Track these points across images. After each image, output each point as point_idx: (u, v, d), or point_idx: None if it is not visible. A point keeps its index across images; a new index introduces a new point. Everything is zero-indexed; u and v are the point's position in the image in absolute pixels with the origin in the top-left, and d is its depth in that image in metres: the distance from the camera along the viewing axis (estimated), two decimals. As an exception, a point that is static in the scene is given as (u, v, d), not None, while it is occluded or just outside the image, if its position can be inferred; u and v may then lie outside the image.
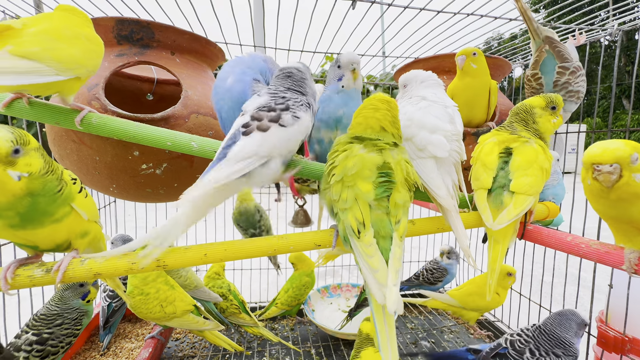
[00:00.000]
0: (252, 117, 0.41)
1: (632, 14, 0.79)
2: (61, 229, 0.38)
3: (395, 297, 0.31)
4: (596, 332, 0.79)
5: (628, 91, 8.68)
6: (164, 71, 0.80)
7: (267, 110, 0.42)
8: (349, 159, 0.39)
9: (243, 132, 0.39)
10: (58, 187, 0.36)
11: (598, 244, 0.45)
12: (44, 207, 0.34)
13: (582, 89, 0.65)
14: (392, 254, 0.34)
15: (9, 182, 0.31)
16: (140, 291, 0.71)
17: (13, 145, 0.31)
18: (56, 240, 0.38)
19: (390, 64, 1.20)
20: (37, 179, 0.33)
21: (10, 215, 0.33)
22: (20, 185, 0.32)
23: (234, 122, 0.43)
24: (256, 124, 0.40)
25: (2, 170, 0.31)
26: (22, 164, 0.32)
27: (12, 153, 0.31)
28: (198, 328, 0.76)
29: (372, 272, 0.33)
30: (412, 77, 0.56)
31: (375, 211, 0.36)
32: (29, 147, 0.33)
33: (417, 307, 1.16)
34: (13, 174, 0.31)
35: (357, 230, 0.35)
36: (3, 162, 0.31)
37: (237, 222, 0.96)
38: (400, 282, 0.90)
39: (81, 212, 0.39)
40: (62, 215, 0.37)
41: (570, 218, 0.82)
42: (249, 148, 0.38)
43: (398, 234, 0.36)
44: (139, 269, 0.39)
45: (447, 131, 0.48)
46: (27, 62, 0.34)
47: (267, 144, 0.39)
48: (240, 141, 0.39)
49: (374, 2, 0.67)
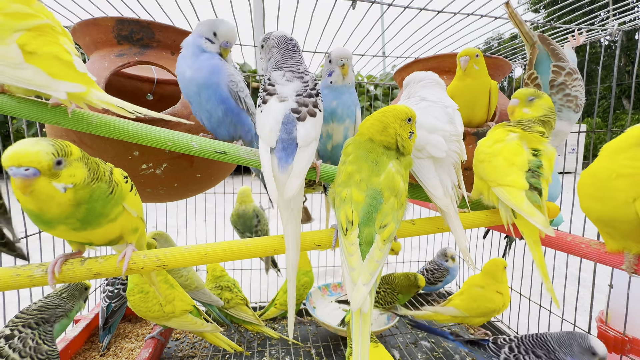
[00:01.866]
0: (298, 103, 0.45)
1: (632, 14, 0.79)
2: (116, 227, 0.39)
3: (361, 296, 0.33)
4: (596, 332, 0.79)
5: (628, 91, 8.68)
6: (164, 71, 0.80)
7: (308, 97, 0.46)
8: (349, 165, 0.41)
9: (297, 118, 0.44)
10: (109, 190, 0.37)
11: (598, 244, 0.45)
12: (99, 210, 0.36)
13: (580, 94, 0.62)
14: (370, 255, 0.36)
15: (56, 195, 0.32)
16: (140, 289, 0.71)
17: (54, 158, 0.31)
18: (110, 237, 0.41)
19: (390, 64, 1.20)
20: (83, 189, 0.34)
21: (72, 222, 0.35)
22: (68, 197, 0.33)
23: (272, 106, 0.45)
24: (305, 110, 0.44)
25: (48, 183, 0.31)
26: (66, 176, 0.33)
27: (54, 165, 0.31)
28: (197, 329, 0.76)
29: (349, 270, 0.35)
30: (411, 77, 0.57)
31: (364, 215, 0.38)
32: (72, 158, 0.33)
33: (417, 307, 1.16)
34: (59, 186, 0.32)
35: (345, 228, 0.37)
36: (47, 175, 0.31)
37: (235, 224, 0.96)
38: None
39: (131, 210, 0.40)
40: (117, 215, 0.38)
41: (570, 218, 0.82)
42: (313, 132, 0.43)
43: (381, 237, 0.36)
44: (139, 269, 0.39)
45: (446, 131, 0.47)
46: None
47: (318, 127, 0.45)
48: (301, 127, 0.43)
49: (374, 2, 0.67)
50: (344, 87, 0.56)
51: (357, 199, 0.38)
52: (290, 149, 0.42)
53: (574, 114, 0.63)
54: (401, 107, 0.43)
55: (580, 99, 0.63)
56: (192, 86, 0.52)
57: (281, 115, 0.43)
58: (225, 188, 1.27)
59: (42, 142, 0.32)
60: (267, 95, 0.46)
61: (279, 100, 0.45)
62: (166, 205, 1.20)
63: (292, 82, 0.47)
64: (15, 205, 0.72)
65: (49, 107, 0.41)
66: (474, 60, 0.64)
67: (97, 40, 0.62)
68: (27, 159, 0.30)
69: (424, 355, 0.88)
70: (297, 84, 0.47)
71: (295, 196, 0.40)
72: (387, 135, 0.41)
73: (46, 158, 0.31)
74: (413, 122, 0.43)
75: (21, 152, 0.30)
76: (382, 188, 0.38)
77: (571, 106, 0.62)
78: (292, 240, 0.41)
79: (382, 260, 0.36)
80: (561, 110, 0.62)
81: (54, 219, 0.34)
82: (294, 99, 0.45)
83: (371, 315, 0.35)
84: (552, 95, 0.63)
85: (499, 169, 0.46)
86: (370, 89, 2.71)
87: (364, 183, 0.39)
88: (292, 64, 0.50)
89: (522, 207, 0.42)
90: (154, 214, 1.30)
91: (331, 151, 0.59)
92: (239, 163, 0.47)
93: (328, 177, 0.48)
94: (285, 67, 0.50)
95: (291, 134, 0.42)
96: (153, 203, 0.72)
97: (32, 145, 0.31)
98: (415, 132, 0.43)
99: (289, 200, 0.40)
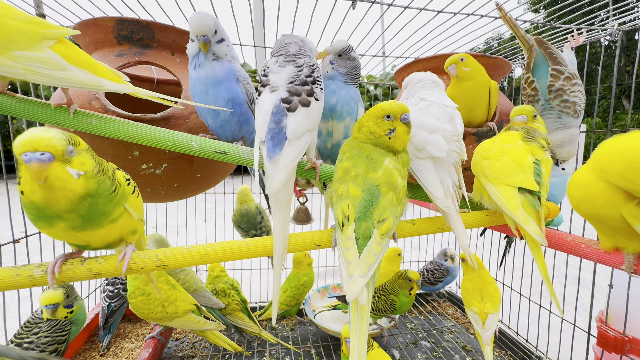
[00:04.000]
0: (290, 92, 0.42)
1: (632, 14, 0.78)
2: (116, 229, 0.39)
3: (357, 287, 0.33)
4: (596, 332, 0.79)
5: (628, 91, 8.67)
6: (164, 71, 0.80)
7: (302, 84, 0.43)
8: (345, 162, 0.41)
9: (287, 108, 0.41)
10: (112, 187, 0.36)
11: (598, 244, 0.45)
12: (102, 207, 0.35)
13: (579, 100, 0.62)
14: (367, 248, 0.36)
15: (70, 180, 0.32)
16: (142, 292, 0.71)
17: (67, 144, 0.32)
18: (109, 240, 0.40)
19: (390, 64, 1.20)
20: (93, 178, 0.34)
21: (73, 218, 0.34)
22: (80, 184, 0.32)
23: (264, 98, 0.43)
24: (297, 99, 0.42)
25: (63, 168, 0.31)
26: (78, 163, 0.33)
27: (67, 152, 0.32)
28: (199, 328, 0.76)
29: (345, 263, 0.36)
30: (410, 78, 0.57)
31: (360, 209, 0.38)
32: (80, 148, 0.34)
33: (417, 307, 1.16)
34: (73, 171, 0.32)
35: (341, 223, 0.37)
36: (61, 160, 0.31)
37: (238, 223, 0.96)
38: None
39: (133, 212, 0.40)
40: (118, 215, 0.38)
41: (570, 218, 0.82)
42: (304, 124, 0.41)
43: (379, 232, 0.36)
44: (139, 269, 0.39)
45: (447, 131, 0.47)
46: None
47: (312, 117, 0.42)
48: (291, 118, 0.41)
49: (374, 2, 0.67)
50: (335, 80, 0.56)
51: (354, 194, 0.38)
52: (277, 139, 0.40)
53: (572, 119, 0.63)
54: (382, 104, 0.42)
55: (579, 105, 0.62)
56: (199, 84, 0.52)
57: (271, 106, 0.42)
58: (225, 188, 1.27)
59: (53, 130, 0.32)
60: (261, 86, 0.45)
61: (270, 91, 0.43)
62: (166, 205, 1.20)
63: (284, 67, 0.45)
64: (16, 205, 0.72)
65: (52, 108, 0.41)
66: (460, 65, 0.63)
67: (97, 40, 0.62)
68: (43, 143, 0.30)
69: (424, 355, 0.88)
70: (289, 69, 0.44)
71: (281, 189, 0.39)
72: (361, 133, 0.42)
73: (60, 143, 0.31)
74: (396, 118, 0.41)
75: (35, 137, 0.30)
76: (380, 183, 0.38)
77: (569, 112, 0.62)
78: (278, 230, 0.41)
79: (380, 254, 0.36)
80: (560, 116, 0.62)
81: (56, 213, 0.33)
82: (286, 88, 0.43)
83: (368, 310, 0.35)
84: (550, 101, 0.63)
85: (507, 167, 0.47)
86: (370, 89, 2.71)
87: (360, 178, 0.39)
88: (284, 49, 0.49)
89: (517, 214, 0.43)
90: (154, 214, 1.30)
91: (331, 150, 0.58)
92: (239, 163, 0.47)
93: (328, 176, 0.48)
94: (278, 54, 0.48)
95: (279, 123, 0.41)
96: (153, 203, 0.72)
97: (44, 131, 0.31)
98: (398, 129, 0.41)
99: (276, 192, 0.40)
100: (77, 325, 0.71)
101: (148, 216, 1.31)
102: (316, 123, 0.44)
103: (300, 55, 0.47)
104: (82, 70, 0.38)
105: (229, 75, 0.53)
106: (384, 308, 0.85)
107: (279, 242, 0.41)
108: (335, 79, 0.56)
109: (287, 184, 0.41)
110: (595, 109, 0.86)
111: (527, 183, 0.45)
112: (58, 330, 0.66)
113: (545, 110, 0.64)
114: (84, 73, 0.38)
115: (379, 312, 0.86)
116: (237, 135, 0.55)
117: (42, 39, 0.36)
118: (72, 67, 0.37)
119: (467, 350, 0.91)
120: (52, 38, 0.37)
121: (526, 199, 0.45)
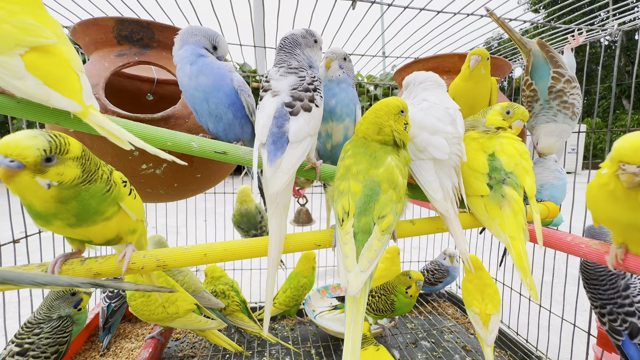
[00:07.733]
0: (292, 97, 0.44)
1: (632, 14, 0.79)
2: (111, 226, 0.39)
3: (358, 281, 0.34)
4: (596, 332, 0.79)
5: (628, 91, 8.68)
6: (164, 71, 0.80)
7: (304, 91, 0.44)
8: (347, 160, 0.41)
9: (290, 112, 0.42)
10: (106, 188, 0.37)
11: (598, 244, 0.45)
12: (95, 207, 0.36)
13: (577, 102, 0.63)
14: (368, 244, 0.36)
15: (38, 190, 0.32)
16: (142, 293, 0.71)
17: (43, 155, 0.31)
18: (107, 236, 0.41)
19: (390, 64, 1.20)
20: (68, 189, 0.34)
21: (67, 217, 0.35)
22: (50, 193, 0.33)
23: (266, 101, 0.44)
24: (300, 104, 0.43)
25: (31, 178, 0.31)
26: (53, 173, 0.33)
27: (42, 162, 0.32)
28: (201, 327, 0.76)
29: (343, 257, 0.36)
30: (412, 78, 0.57)
31: (361, 205, 0.38)
32: (67, 156, 0.34)
33: (417, 307, 1.16)
34: (42, 182, 0.32)
35: (341, 219, 0.38)
36: (31, 169, 0.31)
37: (238, 224, 0.96)
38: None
39: (130, 212, 0.40)
40: (112, 214, 0.38)
41: (570, 218, 0.82)
42: (306, 128, 0.42)
43: (380, 228, 0.37)
44: (139, 269, 0.39)
45: (448, 133, 0.47)
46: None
47: (313, 123, 0.43)
48: (294, 122, 0.42)
49: (374, 2, 0.67)
50: (342, 83, 0.56)
51: (355, 190, 0.38)
52: (280, 143, 0.41)
53: (570, 120, 0.63)
54: (392, 100, 0.43)
55: (577, 107, 0.63)
56: (198, 93, 0.51)
57: (273, 110, 0.43)
58: (225, 188, 1.27)
59: (40, 137, 0.32)
60: (262, 92, 0.46)
61: (272, 95, 0.45)
62: (166, 205, 1.20)
63: (286, 77, 0.46)
64: (16, 206, 0.72)
65: (52, 108, 0.41)
66: (484, 63, 0.62)
67: (97, 40, 0.62)
68: (15, 151, 0.30)
69: (424, 355, 0.88)
70: (292, 79, 0.46)
71: (280, 192, 0.40)
72: (384, 134, 0.42)
73: (34, 154, 0.31)
74: (406, 113, 0.43)
75: (12, 143, 0.30)
76: (381, 180, 0.39)
77: (568, 113, 0.63)
78: (274, 234, 0.40)
79: (380, 250, 0.36)
80: (557, 115, 0.63)
81: (44, 213, 0.34)
82: (288, 93, 0.44)
83: (364, 303, 0.36)
84: (550, 101, 0.63)
85: (467, 178, 0.49)
86: (370, 89, 2.71)
87: (362, 175, 0.39)
88: (286, 61, 0.50)
89: (483, 219, 0.46)
90: (154, 214, 1.30)
91: (331, 151, 0.58)
92: (239, 163, 0.47)
93: (328, 177, 0.48)
94: (280, 65, 0.50)
95: (282, 128, 0.42)
96: (153, 203, 0.72)
97: (26, 138, 0.31)
98: (410, 123, 0.44)
99: (275, 195, 0.40)
100: (78, 325, 0.71)
101: (148, 216, 1.31)
102: (316, 128, 0.45)
103: (302, 69, 0.49)
104: (36, 81, 0.36)
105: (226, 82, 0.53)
106: (384, 308, 0.85)
107: (275, 248, 0.40)
108: (346, 82, 0.58)
109: (287, 188, 0.41)
110: (595, 109, 0.86)
111: (480, 189, 0.47)
112: (60, 331, 0.65)
113: (543, 109, 0.64)
114: (37, 84, 0.36)
115: (379, 312, 0.86)
116: (240, 137, 0.56)
117: (17, 45, 0.35)
118: (29, 77, 0.35)
119: (467, 350, 0.91)
120: (26, 45, 0.36)
121: (488, 198, 0.46)
